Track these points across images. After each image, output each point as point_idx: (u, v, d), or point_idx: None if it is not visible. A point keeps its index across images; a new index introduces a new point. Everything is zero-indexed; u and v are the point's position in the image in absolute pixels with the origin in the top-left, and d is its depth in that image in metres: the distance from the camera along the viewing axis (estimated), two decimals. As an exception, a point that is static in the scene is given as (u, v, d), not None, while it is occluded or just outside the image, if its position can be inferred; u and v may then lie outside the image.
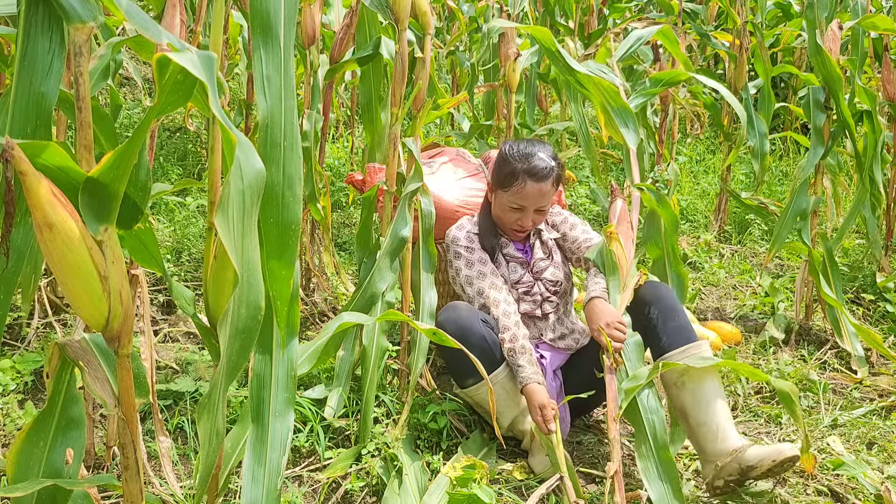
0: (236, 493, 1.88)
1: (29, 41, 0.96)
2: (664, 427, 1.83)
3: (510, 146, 2.30)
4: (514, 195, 2.24)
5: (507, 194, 2.26)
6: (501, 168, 2.29)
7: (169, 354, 2.55)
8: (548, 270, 2.38)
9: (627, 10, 5.30)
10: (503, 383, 2.16)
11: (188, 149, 4.50)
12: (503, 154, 2.30)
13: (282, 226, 1.04)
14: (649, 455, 1.81)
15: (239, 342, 0.98)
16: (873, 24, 3.02)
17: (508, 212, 2.29)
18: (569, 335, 2.38)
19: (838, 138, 3.02)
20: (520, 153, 2.25)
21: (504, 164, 2.28)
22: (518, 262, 2.37)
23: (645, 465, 1.79)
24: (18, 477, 1.06)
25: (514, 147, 2.29)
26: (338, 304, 3.08)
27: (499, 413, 2.17)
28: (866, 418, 2.44)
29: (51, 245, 0.89)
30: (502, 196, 2.28)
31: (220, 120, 0.89)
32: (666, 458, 1.78)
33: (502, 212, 2.31)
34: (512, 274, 2.36)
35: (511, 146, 2.30)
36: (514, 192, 2.24)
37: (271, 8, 1.04)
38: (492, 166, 2.75)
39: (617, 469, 1.76)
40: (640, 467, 1.79)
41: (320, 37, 2.77)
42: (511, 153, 2.27)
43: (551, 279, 2.37)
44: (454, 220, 2.55)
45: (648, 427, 1.83)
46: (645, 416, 1.85)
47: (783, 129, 5.85)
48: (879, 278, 3.43)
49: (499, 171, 2.30)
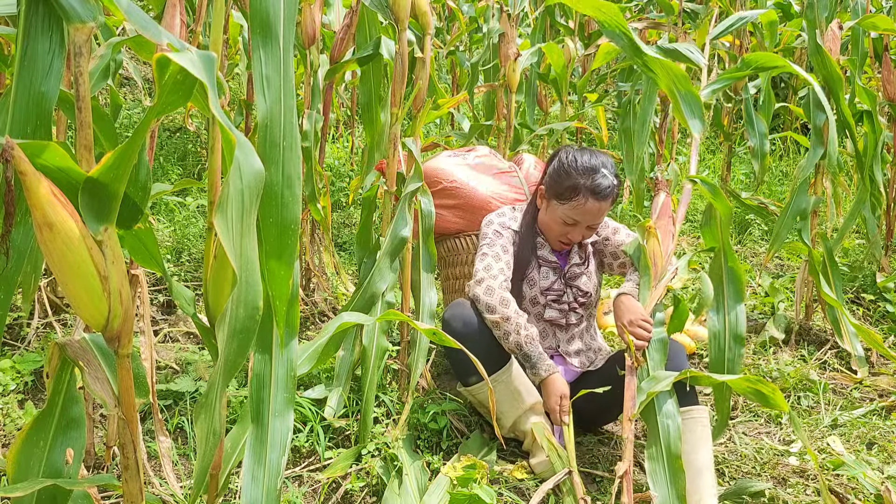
0: (236, 493, 1.88)
1: (29, 41, 0.96)
2: (678, 434, 1.75)
3: (573, 157, 2.19)
4: (572, 210, 2.17)
5: (563, 207, 2.18)
6: (561, 179, 2.18)
7: (169, 354, 2.55)
8: (581, 279, 2.31)
9: (627, 11, 5.30)
10: (507, 383, 2.15)
11: (188, 149, 4.50)
12: (564, 165, 2.19)
13: (281, 226, 1.04)
14: (658, 458, 1.74)
15: (237, 342, 0.98)
16: (873, 24, 3.02)
17: (560, 224, 2.22)
18: (585, 352, 2.34)
19: (838, 138, 3.02)
20: (583, 167, 2.14)
21: (565, 176, 2.17)
22: (551, 267, 2.30)
23: (653, 467, 1.73)
24: (18, 477, 1.06)
25: (577, 159, 2.17)
26: (338, 304, 3.08)
27: (501, 413, 2.16)
28: (866, 418, 2.44)
29: (51, 245, 0.89)
30: (557, 208, 2.20)
31: (220, 120, 0.89)
32: (677, 467, 1.70)
33: (553, 222, 2.24)
34: (543, 280, 2.29)
35: (574, 157, 2.18)
36: (572, 207, 2.16)
37: (271, 8, 1.04)
38: (527, 171, 2.70)
39: (626, 470, 1.72)
40: (648, 469, 1.73)
41: (320, 37, 2.77)
42: (574, 165, 2.16)
43: (583, 288, 2.31)
44: (485, 211, 2.53)
45: (662, 430, 1.76)
46: (661, 420, 1.78)
47: (783, 129, 5.85)
48: (879, 278, 3.43)
49: (557, 182, 2.19)
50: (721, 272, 2.13)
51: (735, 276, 2.11)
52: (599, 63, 3.94)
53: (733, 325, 2.08)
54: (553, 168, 2.23)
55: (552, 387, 2.09)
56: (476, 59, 4.30)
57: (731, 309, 2.09)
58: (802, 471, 2.14)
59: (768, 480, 2.10)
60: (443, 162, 2.75)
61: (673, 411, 1.77)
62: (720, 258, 2.14)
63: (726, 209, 2.09)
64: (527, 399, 2.13)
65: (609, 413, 2.25)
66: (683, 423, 1.86)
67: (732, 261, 2.12)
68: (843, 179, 4.27)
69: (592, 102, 4.65)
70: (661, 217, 2.09)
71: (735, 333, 2.07)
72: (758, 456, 2.24)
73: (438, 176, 2.66)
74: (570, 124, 3.81)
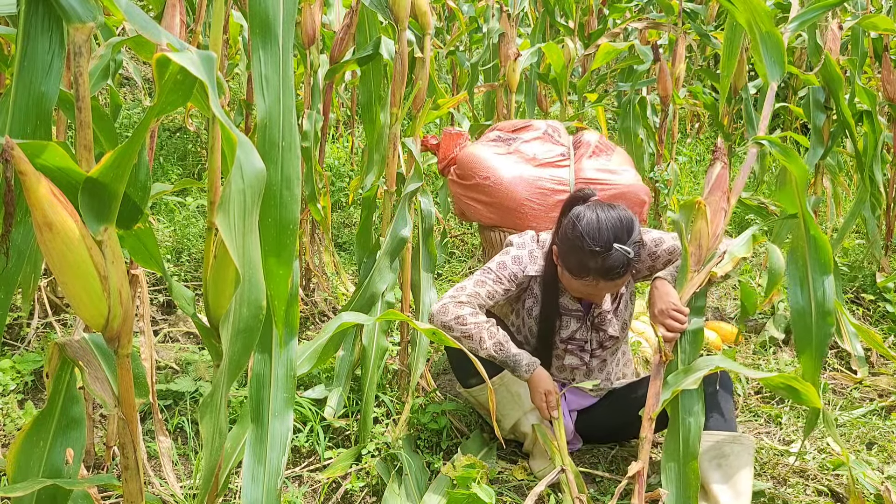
0: (236, 493, 1.88)
1: (29, 41, 0.96)
2: (699, 434, 1.66)
3: (583, 227, 1.90)
4: (584, 286, 1.98)
5: (575, 280, 1.97)
6: (571, 252, 1.93)
7: (169, 354, 2.55)
8: (609, 323, 2.12)
9: (627, 10, 5.30)
10: (508, 385, 2.14)
11: (188, 149, 4.50)
12: (573, 236, 1.92)
13: (280, 225, 1.04)
14: (675, 456, 1.67)
15: (241, 341, 0.98)
16: (873, 24, 3.01)
17: (577, 290, 2.03)
18: (604, 381, 2.23)
19: (838, 138, 3.02)
20: (593, 243, 1.88)
21: (575, 250, 1.91)
22: (573, 316, 2.13)
23: (668, 464, 1.68)
24: (18, 477, 1.06)
25: (587, 232, 1.89)
26: (338, 304, 3.08)
27: (501, 415, 2.16)
28: (866, 418, 2.44)
29: (50, 245, 0.89)
30: (570, 279, 1.98)
31: (221, 119, 0.89)
32: (692, 469, 1.64)
33: (570, 287, 2.03)
34: (563, 330, 2.12)
35: (583, 229, 1.89)
36: (584, 283, 1.96)
37: (270, 8, 1.04)
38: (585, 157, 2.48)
39: (639, 471, 1.65)
40: (663, 464, 1.68)
41: (320, 37, 2.77)
42: (583, 241, 1.89)
43: (610, 333, 2.13)
44: (519, 214, 2.37)
45: (683, 428, 1.68)
46: (683, 417, 1.68)
47: (783, 129, 5.84)
48: (879, 278, 3.43)
49: (567, 253, 1.95)
50: (803, 242, 1.88)
51: (819, 245, 1.86)
52: (599, 63, 3.94)
53: (820, 300, 1.85)
54: (563, 233, 1.98)
55: (536, 383, 2.02)
56: (476, 59, 4.30)
57: (818, 282, 1.85)
58: (802, 471, 2.14)
59: (768, 480, 2.10)
60: (482, 151, 2.51)
61: (698, 409, 1.67)
62: (801, 226, 1.88)
63: (802, 172, 1.84)
64: (527, 401, 2.12)
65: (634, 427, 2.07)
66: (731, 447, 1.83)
67: (814, 228, 1.87)
68: (843, 179, 4.27)
69: (592, 102, 4.64)
70: (714, 191, 1.82)
71: (823, 309, 1.84)
72: (758, 456, 2.24)
73: (474, 168, 2.47)
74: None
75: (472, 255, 3.88)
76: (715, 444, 1.87)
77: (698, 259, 1.79)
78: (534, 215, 2.41)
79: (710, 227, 1.79)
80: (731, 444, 1.86)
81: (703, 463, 1.82)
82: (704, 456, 1.82)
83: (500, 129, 2.66)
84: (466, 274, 3.65)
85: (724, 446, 1.86)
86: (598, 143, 2.57)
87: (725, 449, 1.86)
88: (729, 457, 1.85)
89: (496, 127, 2.70)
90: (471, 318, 1.99)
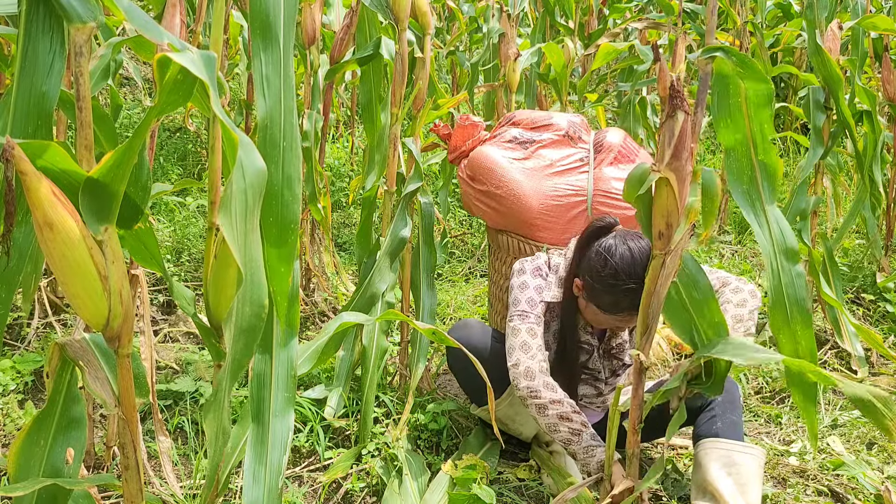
0: (236, 493, 1.88)
1: (30, 41, 0.97)
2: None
3: (615, 263, 1.79)
4: (617, 321, 1.91)
5: (605, 315, 1.89)
6: (601, 288, 1.84)
7: (169, 354, 2.55)
8: (625, 352, 2.08)
9: (627, 11, 5.30)
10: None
11: (188, 149, 4.50)
12: (603, 272, 1.81)
13: (281, 225, 1.04)
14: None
15: (243, 340, 0.99)
16: (873, 24, 3.02)
17: (605, 322, 1.95)
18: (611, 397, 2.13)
19: (838, 138, 3.02)
20: (629, 276, 1.78)
21: (608, 289, 1.82)
22: (585, 350, 2.06)
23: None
24: (19, 476, 1.06)
25: (619, 268, 1.79)
26: (338, 304, 3.08)
27: (521, 425, 2.14)
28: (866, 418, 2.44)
29: (51, 245, 0.89)
30: (599, 313, 1.90)
31: (222, 119, 0.89)
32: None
33: (595, 321, 1.96)
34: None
35: (615, 266, 1.79)
36: (616, 318, 1.89)
37: (271, 9, 1.04)
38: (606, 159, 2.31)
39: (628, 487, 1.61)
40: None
41: (320, 37, 2.78)
42: (615, 277, 1.80)
43: (626, 361, 2.07)
44: (530, 226, 2.28)
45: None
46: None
47: (783, 129, 5.85)
48: (879, 278, 3.43)
49: (596, 290, 1.86)
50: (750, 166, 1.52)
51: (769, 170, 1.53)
52: (599, 63, 3.94)
53: (779, 237, 1.55)
54: (593, 268, 1.85)
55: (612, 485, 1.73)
56: (476, 59, 4.30)
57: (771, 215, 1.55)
58: (802, 471, 2.14)
59: (768, 480, 2.10)
60: (497, 155, 2.35)
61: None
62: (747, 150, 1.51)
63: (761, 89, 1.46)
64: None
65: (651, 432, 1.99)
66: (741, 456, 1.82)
67: (765, 153, 1.51)
68: (843, 179, 4.27)
69: (592, 102, 4.65)
70: (677, 156, 1.38)
71: (785, 248, 1.54)
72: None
73: (487, 175, 2.34)
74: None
75: (472, 255, 3.88)
76: (725, 451, 1.85)
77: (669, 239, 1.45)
78: (547, 228, 2.30)
79: (678, 200, 1.41)
80: (741, 453, 1.85)
81: (713, 470, 1.81)
82: (714, 464, 1.82)
83: (519, 124, 2.48)
84: (466, 274, 3.65)
85: (735, 455, 1.85)
86: (622, 148, 2.36)
87: (736, 457, 1.85)
88: (739, 465, 1.84)
89: (515, 120, 2.50)
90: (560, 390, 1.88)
